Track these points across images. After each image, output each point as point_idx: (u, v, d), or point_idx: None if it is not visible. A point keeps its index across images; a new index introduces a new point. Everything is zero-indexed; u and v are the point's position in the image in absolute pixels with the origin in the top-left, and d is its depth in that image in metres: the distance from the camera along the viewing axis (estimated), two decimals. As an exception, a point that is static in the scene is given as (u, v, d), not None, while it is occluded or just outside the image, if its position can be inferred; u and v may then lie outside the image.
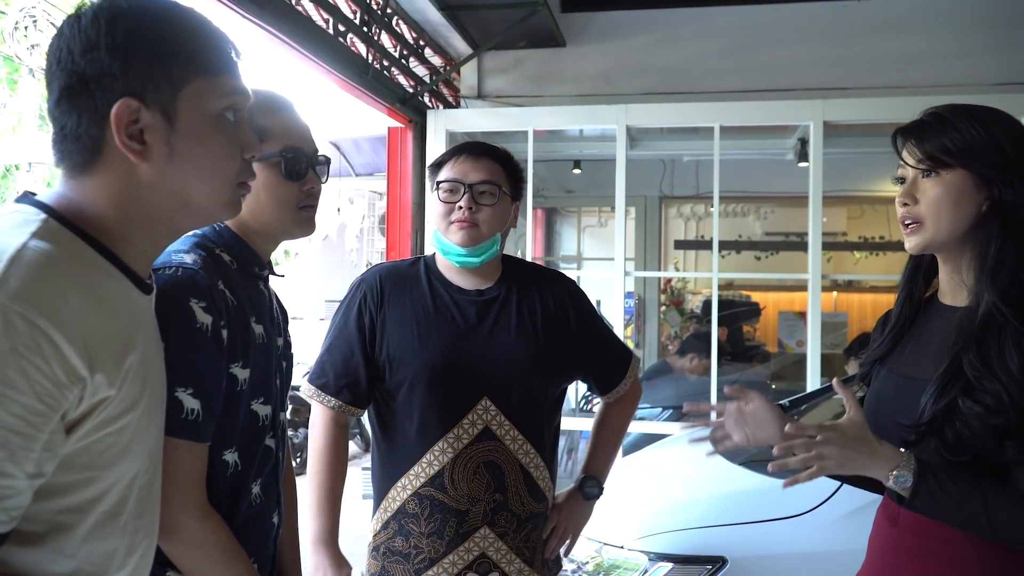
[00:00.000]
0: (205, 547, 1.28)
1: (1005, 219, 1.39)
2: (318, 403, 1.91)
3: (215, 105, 1.04)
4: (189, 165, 1.02)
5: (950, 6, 4.75)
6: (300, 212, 1.49)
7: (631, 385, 2.12)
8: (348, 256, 12.79)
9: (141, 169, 1.00)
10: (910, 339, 1.56)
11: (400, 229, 4.97)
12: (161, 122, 0.99)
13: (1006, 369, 1.33)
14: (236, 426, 1.36)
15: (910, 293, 1.58)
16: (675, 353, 5.81)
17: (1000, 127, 1.41)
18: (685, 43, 5.05)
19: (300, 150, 1.47)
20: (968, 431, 1.35)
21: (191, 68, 1.01)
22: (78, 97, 0.97)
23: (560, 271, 2.19)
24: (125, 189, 1.00)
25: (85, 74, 0.97)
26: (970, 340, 1.37)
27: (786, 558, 2.32)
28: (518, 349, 1.89)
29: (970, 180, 1.40)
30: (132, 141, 0.98)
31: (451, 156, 1.94)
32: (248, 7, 3.15)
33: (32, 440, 0.85)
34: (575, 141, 6.10)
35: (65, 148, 1.00)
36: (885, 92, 4.60)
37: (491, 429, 1.86)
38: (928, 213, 1.42)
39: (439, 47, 4.99)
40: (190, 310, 1.26)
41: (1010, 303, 1.36)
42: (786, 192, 7.26)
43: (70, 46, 0.97)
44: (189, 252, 1.34)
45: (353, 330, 1.89)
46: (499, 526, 1.87)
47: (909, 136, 1.45)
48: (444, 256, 1.92)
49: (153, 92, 0.99)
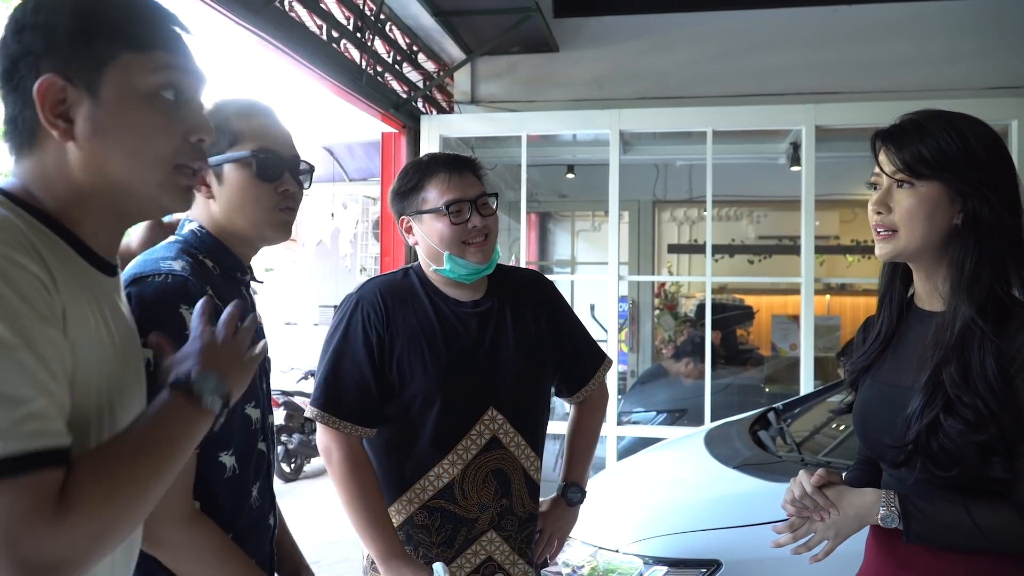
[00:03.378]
0: (194, 551, 1.29)
1: (980, 233, 1.38)
2: (331, 429, 1.84)
3: (145, 81, 1.00)
4: (115, 143, 0.99)
5: (940, 11, 4.78)
6: (276, 214, 1.47)
7: (599, 387, 2.11)
8: (342, 261, 12.79)
9: (69, 148, 0.98)
10: (892, 345, 1.55)
11: (394, 234, 4.98)
12: (87, 99, 0.97)
13: (986, 383, 1.33)
14: (232, 429, 1.36)
15: (891, 299, 1.57)
16: (670, 357, 5.83)
17: (977, 137, 1.40)
18: (678, 48, 5.07)
19: (274, 152, 1.46)
20: (952, 446, 1.35)
21: (116, 43, 0.98)
22: (11, 80, 0.97)
23: (534, 270, 2.19)
24: (60, 169, 0.98)
25: (15, 56, 0.96)
26: (949, 353, 1.37)
27: (780, 561, 2.33)
28: (518, 357, 1.90)
29: (945, 193, 1.39)
30: (59, 120, 0.96)
31: (427, 176, 1.87)
32: (242, 13, 3.16)
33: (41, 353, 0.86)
34: (568, 146, 6.11)
35: (11, 132, 0.99)
36: (876, 96, 4.63)
37: (498, 438, 1.87)
38: (902, 223, 1.41)
39: (432, 53, 5.00)
40: (181, 316, 1.26)
41: (988, 318, 1.36)
42: (779, 196, 7.30)
43: (5, 30, 0.98)
44: (176, 259, 1.34)
45: (361, 350, 1.84)
46: (504, 529, 1.89)
47: (888, 142, 1.44)
48: (456, 278, 1.88)
49: (77, 68, 0.96)
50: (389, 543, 1.81)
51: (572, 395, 2.11)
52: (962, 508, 1.35)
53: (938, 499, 1.37)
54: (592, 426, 2.16)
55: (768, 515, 2.45)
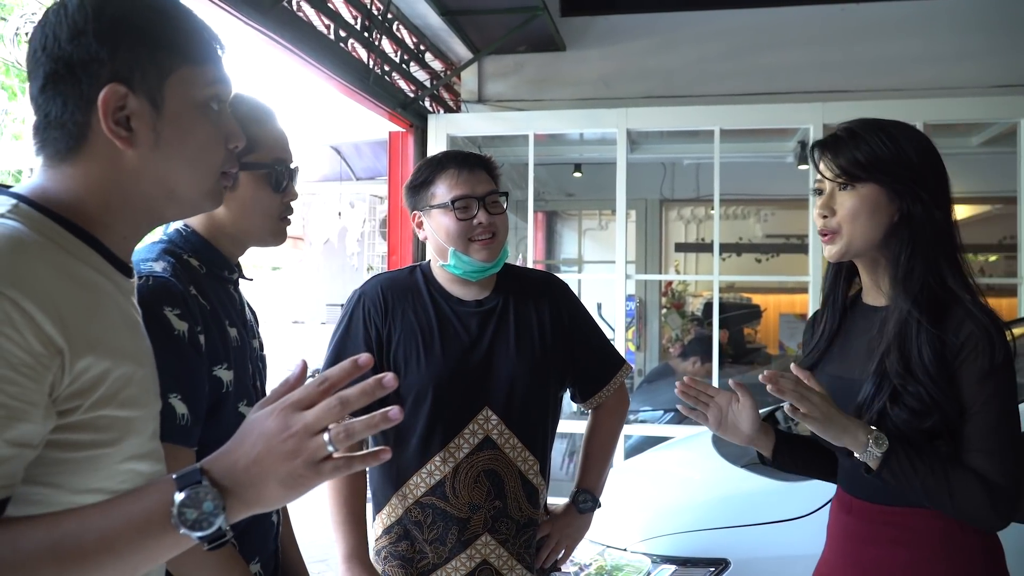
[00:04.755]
0: (200, 554, 1.29)
1: (913, 229, 1.48)
2: None
3: (200, 93, 1.03)
4: (175, 152, 1.01)
5: (948, 9, 4.77)
6: (279, 223, 1.50)
7: (615, 392, 2.07)
8: (349, 260, 12.79)
9: (127, 156, 0.99)
10: (838, 340, 1.65)
11: (402, 233, 4.99)
12: (148, 109, 0.99)
13: (924, 371, 1.43)
14: (226, 428, 1.37)
15: (835, 298, 1.67)
16: (677, 356, 5.82)
17: (908, 141, 1.50)
18: (685, 47, 5.07)
19: (285, 162, 1.49)
20: (899, 432, 1.44)
21: (177, 56, 1.01)
22: (63, 83, 0.97)
23: (550, 272, 2.17)
24: (109, 176, 0.99)
25: (72, 60, 0.96)
26: (891, 344, 1.47)
27: (788, 560, 2.32)
28: (518, 358, 1.89)
29: (883, 193, 1.49)
30: (118, 127, 0.97)
31: (438, 171, 1.88)
32: (250, 13, 3.17)
33: (10, 410, 0.83)
34: (575, 145, 6.11)
35: (48, 136, 0.99)
36: (884, 95, 4.62)
37: (491, 438, 1.87)
38: (844, 223, 1.51)
39: (440, 52, 5.01)
40: (165, 318, 1.26)
41: (922, 308, 1.45)
42: (786, 195, 7.28)
43: (56, 32, 0.97)
44: (157, 260, 1.34)
45: (360, 344, 1.86)
46: (500, 533, 1.87)
47: (824, 150, 1.54)
48: (460, 275, 1.88)
49: (141, 78, 0.98)
50: (356, 545, 1.83)
51: (586, 400, 2.07)
52: (942, 472, 1.41)
53: (924, 454, 1.43)
54: (607, 432, 2.11)
55: (777, 514, 2.45)
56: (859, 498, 1.57)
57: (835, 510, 1.67)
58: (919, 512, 1.48)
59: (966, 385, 1.42)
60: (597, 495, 2.06)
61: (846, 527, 1.60)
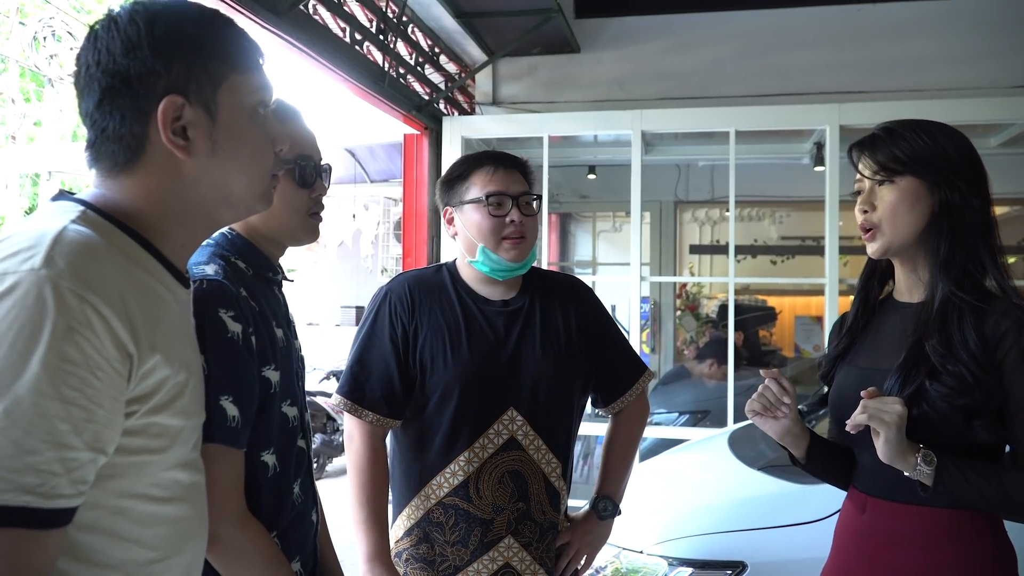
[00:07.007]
0: (246, 555, 1.30)
1: (952, 219, 1.51)
2: (355, 418, 1.86)
3: (249, 100, 1.07)
4: (231, 158, 1.05)
5: (965, 9, 4.73)
6: (309, 219, 1.52)
7: (637, 398, 2.06)
8: (363, 262, 12.84)
9: (185, 165, 1.02)
10: (868, 335, 1.67)
11: (416, 235, 5.00)
12: (204, 118, 1.02)
13: (968, 351, 1.44)
14: (272, 428, 1.38)
15: (866, 296, 1.70)
16: (692, 358, 5.80)
17: (945, 137, 1.54)
18: (699, 48, 5.05)
19: (311, 158, 1.51)
20: (935, 412, 1.45)
21: (227, 65, 1.05)
22: (121, 98, 0.99)
23: (573, 276, 2.18)
24: (168, 185, 1.03)
25: (128, 74, 0.99)
26: (931, 328, 1.49)
27: (805, 563, 2.31)
28: (543, 359, 1.88)
29: (922, 185, 1.52)
30: (176, 137, 1.01)
31: (475, 167, 1.89)
32: (266, 16, 3.19)
33: (92, 414, 0.85)
34: (590, 146, 6.10)
35: (104, 149, 1.02)
36: (900, 95, 4.59)
37: (516, 439, 1.86)
38: (885, 217, 1.54)
39: (454, 54, 5.02)
40: (220, 320, 1.27)
41: (965, 291, 1.48)
42: (802, 196, 7.24)
43: (110, 48, 0.99)
44: (209, 263, 1.36)
45: (386, 341, 1.86)
46: (523, 536, 1.86)
47: (863, 150, 1.59)
48: (488, 273, 1.88)
49: (196, 89, 1.01)
50: (378, 546, 1.82)
51: (608, 405, 2.06)
52: (996, 480, 1.41)
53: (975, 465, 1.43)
54: (628, 438, 2.09)
55: (793, 517, 2.44)
56: (877, 496, 1.57)
57: (847, 510, 1.67)
58: (936, 512, 1.48)
59: (1015, 378, 1.42)
60: (618, 501, 2.04)
61: (858, 526, 1.60)
